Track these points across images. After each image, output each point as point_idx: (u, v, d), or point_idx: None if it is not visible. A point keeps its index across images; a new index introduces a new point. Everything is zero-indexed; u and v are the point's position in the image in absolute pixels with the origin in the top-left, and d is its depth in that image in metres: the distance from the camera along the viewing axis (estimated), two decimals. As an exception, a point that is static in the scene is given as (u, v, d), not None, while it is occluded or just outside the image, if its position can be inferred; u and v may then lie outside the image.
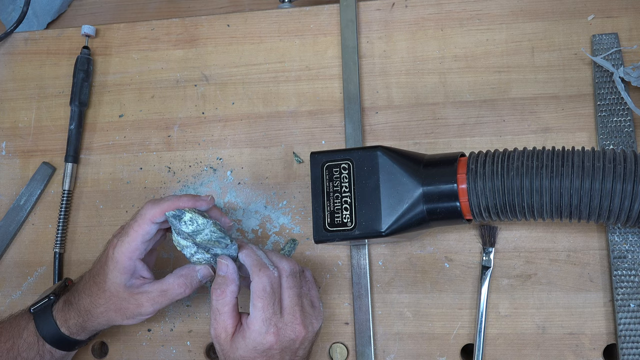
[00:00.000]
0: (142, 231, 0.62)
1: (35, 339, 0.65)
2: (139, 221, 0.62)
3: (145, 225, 0.62)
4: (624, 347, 0.64)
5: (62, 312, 0.65)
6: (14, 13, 0.91)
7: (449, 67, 0.73)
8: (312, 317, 0.62)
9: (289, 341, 0.60)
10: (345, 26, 0.75)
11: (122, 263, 0.62)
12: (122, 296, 0.63)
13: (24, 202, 0.79)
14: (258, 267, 0.60)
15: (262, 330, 0.58)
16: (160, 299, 0.63)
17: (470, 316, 0.69)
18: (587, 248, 0.67)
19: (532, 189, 0.56)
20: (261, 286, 0.59)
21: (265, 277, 0.59)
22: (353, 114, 0.73)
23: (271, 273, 0.60)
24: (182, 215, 0.61)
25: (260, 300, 0.59)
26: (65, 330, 0.65)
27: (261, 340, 0.58)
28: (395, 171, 0.60)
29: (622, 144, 0.67)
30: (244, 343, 0.59)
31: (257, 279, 0.59)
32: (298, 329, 0.60)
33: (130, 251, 0.62)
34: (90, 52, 0.80)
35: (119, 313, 0.64)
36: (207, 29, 0.79)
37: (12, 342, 0.66)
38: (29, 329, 0.66)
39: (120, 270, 0.62)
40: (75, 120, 0.79)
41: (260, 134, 0.76)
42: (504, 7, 0.73)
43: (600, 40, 0.69)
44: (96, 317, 0.64)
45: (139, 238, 0.62)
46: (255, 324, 0.59)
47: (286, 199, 0.74)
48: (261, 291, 0.59)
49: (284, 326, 0.59)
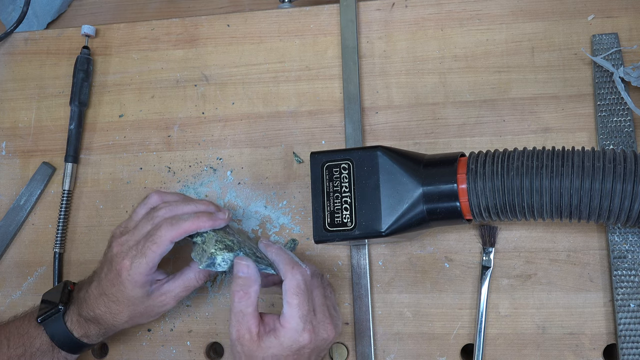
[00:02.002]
0: (161, 252, 0.62)
1: (49, 347, 0.65)
2: (158, 243, 0.61)
3: (164, 246, 0.61)
4: (624, 347, 0.64)
5: (78, 325, 0.65)
6: (14, 13, 0.91)
7: (449, 67, 0.73)
8: (337, 319, 0.63)
9: (321, 340, 0.59)
10: (345, 26, 0.75)
11: (140, 282, 0.62)
12: (146, 303, 0.64)
13: (24, 202, 0.79)
14: (291, 265, 0.60)
15: (299, 328, 0.58)
16: (183, 293, 0.65)
17: (470, 316, 0.69)
18: (587, 248, 0.67)
19: (532, 189, 0.56)
20: (295, 283, 0.58)
21: (299, 274, 0.59)
22: (353, 114, 0.73)
23: (304, 271, 0.60)
24: (211, 246, 0.62)
25: (296, 297, 0.58)
26: (84, 339, 0.66)
27: (297, 337, 0.58)
28: (395, 171, 0.60)
29: (622, 144, 0.67)
30: (278, 342, 0.58)
31: (290, 276, 0.59)
32: (329, 328, 0.60)
33: (148, 269, 0.62)
34: (90, 52, 0.80)
35: (144, 316, 0.65)
36: (207, 29, 0.79)
37: (23, 349, 0.65)
38: (42, 338, 0.65)
39: (139, 287, 0.62)
40: (75, 120, 0.79)
41: (260, 134, 0.76)
42: (504, 7, 0.73)
43: (600, 40, 0.69)
44: (120, 325, 0.65)
45: (156, 258, 0.62)
46: (291, 322, 0.58)
47: (286, 199, 0.74)
48: (296, 288, 0.58)
49: (318, 325, 0.59)
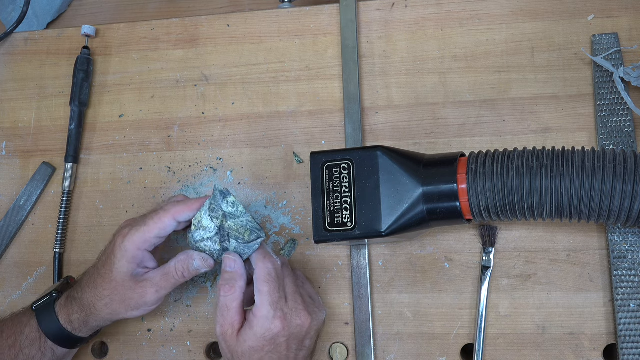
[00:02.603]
0: (162, 225, 0.62)
1: (37, 336, 0.65)
2: (161, 214, 0.63)
3: (167, 220, 0.62)
4: (624, 347, 0.64)
5: (64, 308, 0.65)
6: (14, 13, 0.91)
7: (449, 67, 0.73)
8: (314, 307, 0.63)
9: (295, 327, 0.60)
10: (345, 26, 0.75)
11: (131, 252, 0.62)
12: (128, 285, 0.63)
13: (24, 202, 0.79)
14: (262, 255, 0.61)
15: (270, 315, 0.58)
16: (163, 284, 0.63)
17: (470, 316, 0.69)
18: (587, 248, 0.67)
19: (532, 189, 0.56)
20: (266, 271, 0.60)
21: (269, 262, 0.61)
22: (353, 114, 0.73)
23: (274, 260, 0.61)
24: (228, 196, 0.62)
25: (266, 284, 0.59)
26: (67, 326, 0.65)
27: (269, 325, 0.58)
28: (395, 171, 0.60)
29: (622, 144, 0.67)
30: (252, 332, 0.59)
31: (261, 264, 0.60)
32: (303, 315, 0.60)
33: (142, 241, 0.62)
34: (90, 52, 0.80)
35: (122, 304, 0.64)
36: (207, 29, 0.79)
37: (14, 338, 0.66)
38: (31, 325, 0.66)
39: (128, 260, 0.63)
40: (75, 120, 0.79)
41: (260, 134, 0.76)
42: (504, 7, 0.73)
43: (600, 40, 0.69)
44: (100, 310, 0.64)
45: (155, 231, 0.62)
46: (262, 310, 0.59)
47: (286, 199, 0.74)
48: (267, 275, 0.60)
49: (290, 311, 0.60)
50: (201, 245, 0.63)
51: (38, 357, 0.65)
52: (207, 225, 0.62)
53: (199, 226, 0.62)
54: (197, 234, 0.62)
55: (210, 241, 0.62)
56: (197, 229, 0.62)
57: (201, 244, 0.62)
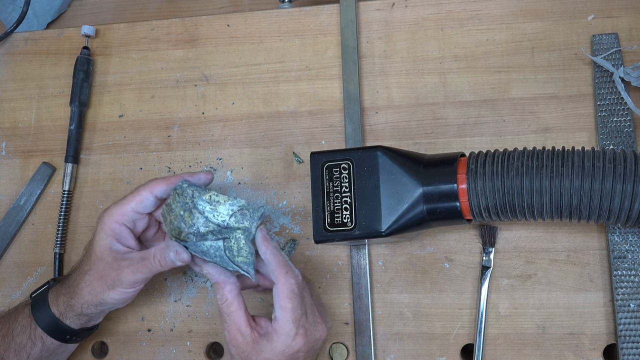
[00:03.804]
0: (139, 197, 0.63)
1: (28, 322, 0.65)
2: (140, 189, 0.64)
3: (144, 193, 0.63)
4: (624, 347, 0.64)
5: (54, 291, 0.66)
6: (14, 13, 0.91)
7: (449, 67, 0.73)
8: (326, 315, 0.63)
9: (314, 341, 0.60)
10: (345, 26, 0.75)
11: (108, 225, 0.63)
12: (106, 260, 0.63)
13: (24, 202, 0.79)
14: (285, 269, 0.59)
15: (292, 333, 0.58)
16: (140, 267, 0.62)
17: (470, 316, 0.69)
18: (587, 248, 0.67)
19: (532, 189, 0.56)
20: (289, 287, 0.58)
21: (292, 278, 0.58)
22: (353, 114, 0.73)
23: (296, 275, 0.59)
24: (204, 193, 0.61)
25: (289, 301, 0.58)
26: (55, 310, 0.65)
27: (290, 342, 0.58)
28: (395, 171, 0.60)
29: (622, 144, 0.67)
30: (271, 346, 0.58)
31: (284, 280, 0.58)
32: (321, 327, 0.60)
33: (119, 215, 0.63)
34: (90, 52, 0.80)
35: (101, 281, 0.63)
36: (207, 29, 0.79)
37: (8, 326, 0.66)
38: (25, 312, 0.66)
39: (106, 232, 0.63)
40: (75, 121, 0.79)
41: (260, 134, 0.76)
42: (504, 7, 0.73)
43: (600, 40, 0.69)
44: (81, 289, 0.64)
45: (132, 203, 0.63)
46: (284, 327, 0.58)
47: (286, 199, 0.74)
48: (290, 292, 0.58)
49: (310, 326, 0.59)
50: (203, 246, 0.61)
51: (28, 345, 0.65)
52: (193, 223, 0.61)
53: (192, 224, 0.61)
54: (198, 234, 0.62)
55: (211, 236, 0.61)
56: (191, 226, 0.61)
57: (203, 245, 0.61)
